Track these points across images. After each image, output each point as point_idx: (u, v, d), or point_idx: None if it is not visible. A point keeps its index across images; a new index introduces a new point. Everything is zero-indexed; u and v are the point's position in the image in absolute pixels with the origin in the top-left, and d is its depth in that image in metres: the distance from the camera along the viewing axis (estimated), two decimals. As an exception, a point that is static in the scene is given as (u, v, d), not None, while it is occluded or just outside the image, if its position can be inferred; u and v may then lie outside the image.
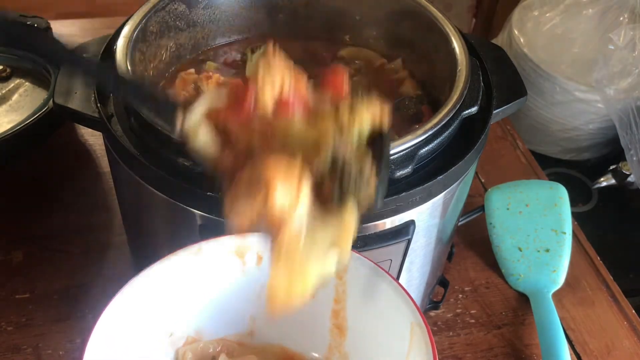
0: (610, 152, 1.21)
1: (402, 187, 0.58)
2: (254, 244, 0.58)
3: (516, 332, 0.78)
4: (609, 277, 0.86)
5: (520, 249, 0.84)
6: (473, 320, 0.79)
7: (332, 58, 0.82)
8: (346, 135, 0.45)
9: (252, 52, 0.80)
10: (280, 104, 0.46)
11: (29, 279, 0.78)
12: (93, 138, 0.97)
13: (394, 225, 0.60)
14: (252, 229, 0.43)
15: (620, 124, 1.05)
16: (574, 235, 0.88)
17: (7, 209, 0.86)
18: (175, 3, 0.74)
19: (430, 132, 0.60)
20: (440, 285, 0.80)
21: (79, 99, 0.64)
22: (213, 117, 0.47)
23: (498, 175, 0.98)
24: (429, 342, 0.50)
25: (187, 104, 0.47)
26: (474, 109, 0.65)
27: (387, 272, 0.54)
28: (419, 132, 0.59)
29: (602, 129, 1.17)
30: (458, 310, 0.80)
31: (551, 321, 0.76)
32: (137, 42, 0.68)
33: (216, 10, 0.80)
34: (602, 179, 1.15)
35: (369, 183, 0.44)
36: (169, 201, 0.58)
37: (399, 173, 0.57)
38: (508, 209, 0.86)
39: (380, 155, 0.46)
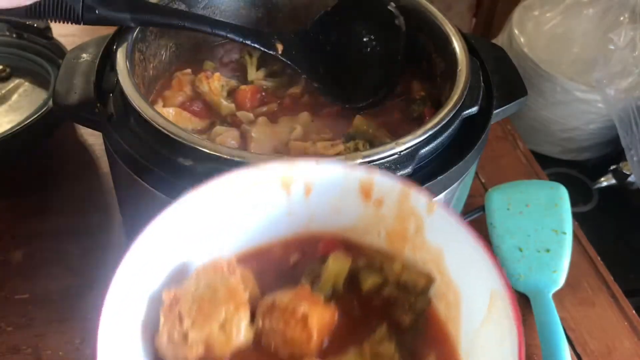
0: (610, 152, 1.21)
1: (402, 187, 0.58)
2: (303, 172, 0.54)
3: (516, 332, 0.78)
4: (610, 278, 0.86)
5: (520, 249, 0.83)
6: (473, 321, 0.79)
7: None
8: None
9: (249, 53, 0.80)
10: None
11: (28, 279, 0.78)
12: (93, 138, 0.97)
13: (394, 226, 0.60)
14: None
15: (620, 124, 1.05)
16: (575, 235, 0.88)
17: (7, 209, 0.86)
18: (175, 3, 0.74)
19: (430, 132, 0.60)
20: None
21: (78, 99, 0.64)
22: None
23: (498, 175, 0.98)
24: (513, 319, 0.45)
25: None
26: (474, 109, 0.65)
27: (479, 237, 0.49)
28: (419, 132, 0.59)
29: (602, 129, 1.17)
30: (458, 311, 0.80)
31: (551, 321, 0.76)
32: (137, 42, 0.69)
33: (216, 10, 0.80)
34: (602, 179, 1.15)
35: None
36: (169, 201, 0.58)
37: (399, 173, 0.57)
38: (508, 209, 0.86)
39: None
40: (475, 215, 0.88)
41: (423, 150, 0.60)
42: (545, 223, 0.85)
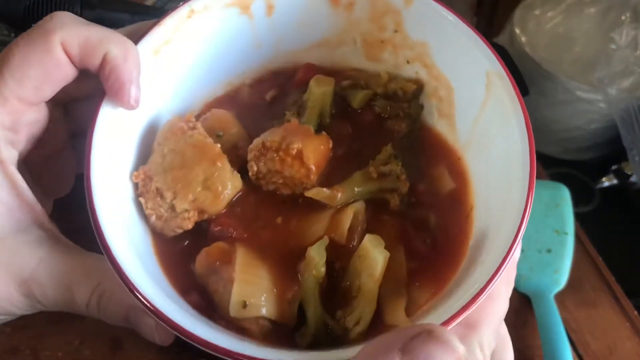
0: (612, 152, 1.20)
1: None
2: None
3: (518, 333, 0.78)
4: (611, 278, 0.86)
5: (522, 250, 0.83)
6: (474, 321, 0.79)
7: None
8: None
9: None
10: None
11: (27, 280, 0.78)
12: (92, 138, 0.97)
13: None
14: None
15: (622, 124, 1.04)
16: (576, 235, 0.88)
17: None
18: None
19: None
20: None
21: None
22: None
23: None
24: (514, 94, 0.44)
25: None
26: (475, 109, 0.64)
27: (461, 18, 0.48)
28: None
29: (604, 129, 1.16)
30: (459, 311, 0.80)
31: (553, 322, 0.75)
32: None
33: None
34: (604, 179, 1.15)
35: None
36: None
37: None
38: (509, 209, 0.85)
39: None
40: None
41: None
42: (547, 223, 0.84)
